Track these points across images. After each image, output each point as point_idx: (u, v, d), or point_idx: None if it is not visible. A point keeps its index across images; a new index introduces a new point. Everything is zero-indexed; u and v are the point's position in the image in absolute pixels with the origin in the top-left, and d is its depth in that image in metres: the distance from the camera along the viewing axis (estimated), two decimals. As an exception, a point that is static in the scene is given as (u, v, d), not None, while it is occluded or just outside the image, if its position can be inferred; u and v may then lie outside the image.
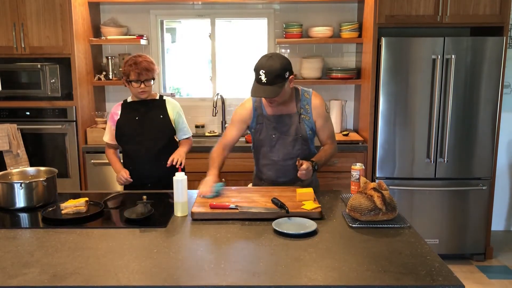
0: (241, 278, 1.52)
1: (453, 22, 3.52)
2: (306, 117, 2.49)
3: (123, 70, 2.69)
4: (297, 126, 2.49)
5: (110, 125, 2.80)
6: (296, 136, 2.50)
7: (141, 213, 2.05)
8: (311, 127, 2.52)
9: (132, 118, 2.74)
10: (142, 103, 2.76)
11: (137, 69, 2.62)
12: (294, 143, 2.51)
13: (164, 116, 2.77)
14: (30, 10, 3.59)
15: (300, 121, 2.49)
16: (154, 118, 2.75)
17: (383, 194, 1.98)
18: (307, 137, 2.52)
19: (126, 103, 2.80)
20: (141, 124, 2.74)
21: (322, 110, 2.52)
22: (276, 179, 2.59)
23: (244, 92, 4.47)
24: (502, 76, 3.51)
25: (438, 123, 3.55)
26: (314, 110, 2.49)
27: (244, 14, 4.21)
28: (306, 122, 2.50)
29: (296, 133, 2.50)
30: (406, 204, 3.65)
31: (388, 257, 1.66)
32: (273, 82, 2.28)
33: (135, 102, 2.78)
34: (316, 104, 2.50)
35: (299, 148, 2.52)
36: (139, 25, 4.20)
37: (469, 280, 3.42)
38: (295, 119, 2.49)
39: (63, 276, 1.53)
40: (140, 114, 2.75)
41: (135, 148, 2.74)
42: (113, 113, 2.80)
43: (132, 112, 2.76)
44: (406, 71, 3.52)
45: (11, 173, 2.43)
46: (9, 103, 3.75)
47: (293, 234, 1.85)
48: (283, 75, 2.30)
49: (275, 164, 2.56)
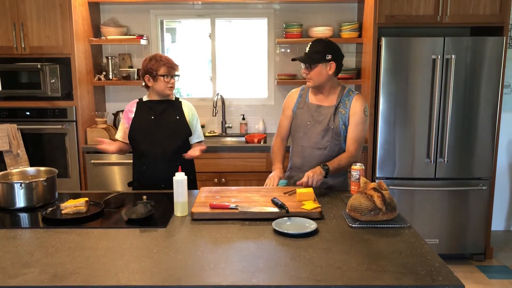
0: (241, 278, 1.52)
1: (453, 22, 3.52)
2: (342, 111, 2.54)
3: (147, 68, 2.65)
4: (331, 117, 2.53)
5: (124, 122, 2.76)
6: (327, 126, 2.53)
7: (141, 213, 2.05)
8: (344, 122, 2.54)
9: (148, 117, 2.71)
10: (158, 103, 2.73)
11: (168, 63, 2.63)
12: (325, 134, 2.54)
13: (180, 117, 2.74)
14: (30, 10, 3.59)
15: (336, 113, 2.53)
16: (170, 119, 2.72)
17: (383, 194, 1.98)
18: (339, 131, 2.53)
19: (141, 101, 2.76)
20: (157, 124, 2.70)
21: (360, 110, 2.52)
22: (301, 167, 2.61)
23: (244, 92, 4.47)
24: (502, 76, 3.51)
25: (438, 123, 3.56)
26: (353, 107, 2.52)
27: (244, 14, 4.21)
28: (341, 116, 2.53)
29: (328, 123, 2.53)
30: (406, 204, 3.65)
31: (388, 257, 1.66)
32: (312, 55, 2.46)
33: (151, 102, 2.75)
34: (356, 103, 2.53)
35: (329, 140, 2.54)
36: (139, 25, 4.20)
37: (469, 280, 3.42)
38: (331, 111, 2.54)
39: (63, 276, 1.53)
40: (156, 114, 2.71)
41: (149, 148, 2.69)
42: (128, 110, 2.76)
43: (148, 111, 2.72)
44: (406, 71, 3.52)
45: (11, 173, 2.43)
46: (9, 103, 3.75)
47: (293, 234, 1.85)
48: (324, 55, 2.45)
49: (303, 151, 2.61)
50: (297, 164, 2.65)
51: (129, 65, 4.19)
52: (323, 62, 2.46)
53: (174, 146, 2.70)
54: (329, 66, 2.47)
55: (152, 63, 2.64)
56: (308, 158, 2.59)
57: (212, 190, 2.40)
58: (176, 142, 2.71)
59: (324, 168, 2.40)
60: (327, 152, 2.55)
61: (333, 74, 2.50)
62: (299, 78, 4.18)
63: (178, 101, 2.79)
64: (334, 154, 2.54)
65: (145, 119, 2.71)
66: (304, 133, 2.60)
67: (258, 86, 4.44)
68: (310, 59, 2.47)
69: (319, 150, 2.56)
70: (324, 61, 2.45)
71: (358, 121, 2.52)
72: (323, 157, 2.55)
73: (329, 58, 2.45)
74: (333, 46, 2.50)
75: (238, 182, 3.67)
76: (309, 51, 2.48)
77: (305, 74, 2.53)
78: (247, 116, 4.30)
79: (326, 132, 2.54)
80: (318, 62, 2.46)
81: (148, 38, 4.19)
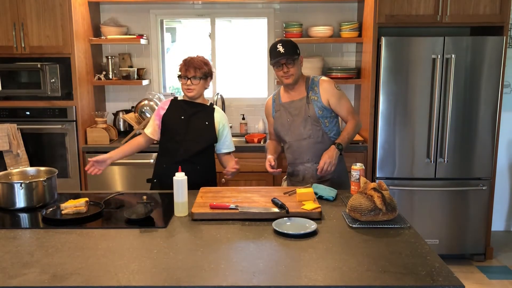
0: (241, 278, 1.52)
1: (453, 22, 3.52)
2: (314, 98, 2.66)
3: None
4: (305, 107, 2.65)
5: (155, 119, 2.76)
6: (305, 116, 2.65)
7: (141, 213, 2.05)
8: (320, 107, 2.65)
9: (178, 116, 2.70)
10: (191, 104, 2.72)
11: (186, 65, 2.63)
12: (305, 124, 2.66)
13: (210, 123, 2.71)
14: (30, 10, 3.59)
15: (309, 102, 2.65)
16: (198, 123, 2.70)
17: (383, 194, 1.98)
18: (316, 117, 2.64)
19: (175, 99, 2.77)
20: (185, 125, 2.68)
21: (331, 88, 2.67)
22: (294, 161, 2.76)
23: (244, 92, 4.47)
24: (502, 76, 3.51)
25: (438, 123, 3.55)
26: (323, 90, 2.66)
27: (244, 14, 4.21)
28: (315, 103, 2.65)
29: (305, 113, 2.65)
30: (406, 204, 3.65)
31: (388, 257, 1.66)
32: (290, 51, 2.59)
33: (184, 102, 2.74)
34: (324, 84, 2.68)
35: (310, 128, 2.66)
36: (139, 24, 4.20)
37: (469, 280, 3.42)
38: (304, 101, 2.66)
39: (63, 276, 1.53)
40: (186, 114, 2.70)
41: (174, 146, 2.68)
42: (160, 108, 2.76)
43: (179, 110, 2.71)
44: (406, 70, 3.51)
45: (11, 173, 2.43)
46: (9, 103, 3.75)
47: (293, 234, 1.85)
48: (295, 50, 2.62)
49: (291, 146, 2.74)
50: (290, 159, 2.78)
51: (129, 64, 4.19)
52: (297, 57, 2.63)
53: (197, 149, 2.68)
54: (300, 59, 2.66)
55: (180, 64, 2.68)
56: (297, 151, 2.72)
57: (212, 190, 2.40)
58: (200, 145, 2.68)
59: (338, 147, 2.56)
60: (312, 140, 2.67)
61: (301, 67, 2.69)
62: (299, 78, 4.18)
63: (211, 107, 2.77)
64: (319, 140, 2.66)
65: (175, 117, 2.71)
66: (287, 130, 2.72)
67: (258, 86, 4.44)
68: (292, 55, 2.59)
69: (304, 141, 2.68)
70: (297, 55, 2.63)
71: (338, 98, 2.67)
72: (310, 145, 2.68)
73: (299, 52, 2.64)
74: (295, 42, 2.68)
75: (238, 182, 3.67)
76: (285, 50, 2.58)
77: (283, 73, 2.63)
78: (247, 116, 4.30)
79: (306, 122, 2.66)
80: (297, 59, 2.62)
81: (148, 38, 4.19)
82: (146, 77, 4.25)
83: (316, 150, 2.66)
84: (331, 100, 2.65)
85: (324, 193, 2.35)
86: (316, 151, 2.65)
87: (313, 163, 2.67)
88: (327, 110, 2.66)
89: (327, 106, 2.65)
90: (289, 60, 2.58)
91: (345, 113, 2.69)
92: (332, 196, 2.34)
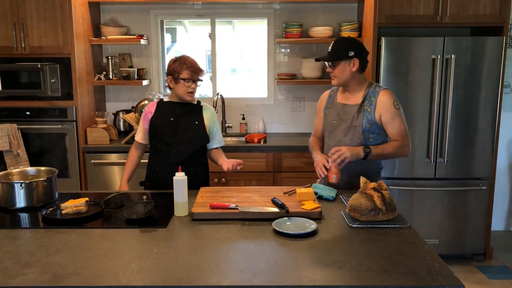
0: (241, 278, 1.52)
1: (453, 22, 3.52)
2: (368, 109, 2.48)
3: (171, 68, 2.61)
4: (355, 115, 2.50)
5: (143, 123, 2.74)
6: (350, 125, 2.51)
7: (141, 213, 2.05)
8: (369, 119, 2.47)
9: (167, 118, 2.67)
10: (179, 105, 2.69)
11: (192, 67, 2.58)
12: (347, 131, 2.52)
13: (199, 122, 2.70)
14: (30, 10, 3.59)
15: (360, 111, 2.49)
16: (188, 123, 2.68)
17: (383, 194, 1.99)
18: (361, 129, 2.47)
19: (162, 102, 2.74)
20: (175, 127, 2.66)
21: (389, 104, 2.46)
22: None
23: (244, 91, 4.47)
24: (502, 76, 3.51)
25: (438, 123, 3.56)
26: (379, 103, 2.46)
27: (244, 14, 4.21)
28: (366, 113, 2.48)
29: (351, 122, 2.50)
30: (406, 204, 3.65)
31: (388, 257, 1.66)
32: (334, 53, 2.48)
33: (172, 103, 2.70)
34: (382, 99, 2.47)
35: (351, 138, 2.50)
36: (139, 25, 4.20)
37: (469, 280, 3.42)
38: (356, 109, 2.51)
39: (63, 276, 1.53)
40: (175, 116, 2.67)
41: (165, 149, 2.66)
42: (147, 111, 2.73)
43: (167, 112, 2.68)
44: (406, 71, 3.52)
45: (11, 173, 2.42)
46: (9, 103, 3.75)
47: (293, 234, 1.85)
48: (346, 52, 2.46)
49: (328, 150, 2.55)
50: None
51: (129, 65, 4.19)
52: (346, 59, 2.46)
53: (189, 151, 2.67)
54: (352, 63, 2.46)
55: (176, 65, 2.60)
56: None
57: (212, 190, 2.40)
58: (192, 147, 2.68)
59: (365, 150, 2.36)
60: None
61: (357, 71, 2.49)
62: (299, 78, 4.18)
63: (199, 106, 2.75)
64: None
65: (164, 119, 2.68)
66: (330, 132, 2.61)
67: (258, 86, 4.44)
68: (332, 56, 2.49)
69: None
70: (346, 58, 2.46)
71: (392, 116, 2.46)
72: None
73: (351, 55, 2.45)
74: (356, 43, 2.52)
75: (238, 182, 3.67)
76: (331, 49, 2.50)
77: (329, 72, 2.55)
78: (247, 116, 4.30)
79: (349, 130, 2.51)
80: (340, 59, 2.46)
81: (148, 38, 4.19)
82: (146, 77, 4.25)
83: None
84: (384, 116, 2.45)
85: (324, 193, 2.35)
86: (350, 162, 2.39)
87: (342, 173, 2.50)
88: (376, 125, 2.47)
89: (377, 121, 2.47)
90: (330, 61, 2.49)
91: (396, 134, 2.46)
92: (332, 196, 2.34)
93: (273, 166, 3.72)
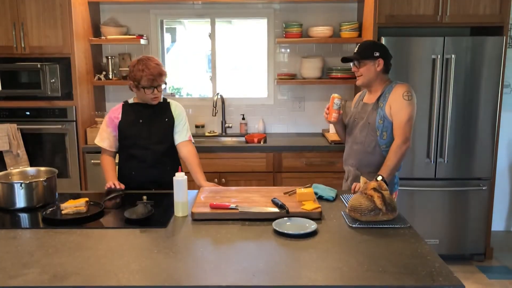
0: (241, 278, 1.52)
1: (453, 22, 3.52)
2: (381, 105, 2.55)
3: (131, 74, 2.53)
4: (369, 113, 2.59)
5: (110, 130, 2.63)
6: (365, 122, 2.59)
7: (141, 213, 2.05)
8: (382, 115, 2.53)
9: (136, 121, 2.61)
10: (146, 105, 2.63)
11: (151, 74, 2.47)
12: (362, 129, 2.60)
13: (169, 119, 2.66)
14: (30, 10, 3.59)
15: (375, 109, 2.57)
16: (159, 122, 2.64)
17: (383, 194, 1.98)
18: (375, 126, 2.54)
19: (127, 104, 2.66)
20: (147, 128, 2.61)
21: (398, 95, 2.50)
22: (345, 161, 2.74)
23: (244, 91, 4.47)
24: (502, 76, 3.51)
25: (438, 123, 3.55)
26: (391, 96, 2.52)
27: (244, 14, 4.21)
28: (379, 110, 2.55)
29: (366, 119, 2.59)
30: (406, 204, 3.65)
31: (388, 258, 1.66)
32: (361, 52, 2.57)
33: (138, 104, 2.65)
34: (395, 91, 2.52)
35: (365, 135, 2.58)
36: (139, 25, 4.20)
37: (469, 280, 3.42)
38: (372, 106, 2.59)
39: (63, 276, 1.53)
40: (144, 117, 2.62)
41: (140, 152, 2.61)
42: (113, 117, 2.63)
43: (135, 114, 2.62)
44: (406, 71, 3.51)
45: (11, 173, 2.43)
46: (9, 103, 3.75)
47: (293, 234, 1.85)
48: (372, 52, 2.54)
49: (347, 146, 2.73)
50: (345, 156, 2.76)
51: (129, 65, 4.18)
52: (371, 59, 2.54)
53: (163, 149, 2.64)
54: (377, 63, 2.54)
55: (135, 72, 2.50)
56: (349, 153, 2.69)
57: (212, 190, 2.40)
58: (165, 144, 2.65)
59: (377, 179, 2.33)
60: (363, 147, 2.59)
61: (381, 71, 2.57)
62: (299, 78, 4.18)
63: (166, 103, 2.70)
64: (370, 150, 2.56)
65: (133, 123, 2.61)
66: (350, 129, 2.71)
67: (258, 86, 4.44)
68: (359, 55, 2.57)
69: (356, 145, 2.63)
70: (372, 58, 2.54)
71: (399, 107, 2.48)
72: (359, 152, 2.60)
73: (377, 55, 2.54)
74: (381, 45, 2.63)
75: (238, 182, 3.67)
76: (358, 49, 2.59)
77: (355, 72, 2.62)
78: (247, 116, 4.30)
79: (364, 127, 2.60)
80: (366, 58, 2.55)
81: (148, 38, 4.19)
82: (146, 77, 4.24)
83: (362, 158, 2.59)
84: (392, 107, 2.49)
85: (324, 193, 2.35)
86: (362, 159, 2.59)
87: (355, 169, 2.62)
88: (388, 121, 2.51)
89: (387, 115, 2.50)
90: (356, 60, 2.57)
91: (396, 127, 2.49)
92: (332, 196, 2.34)
93: (273, 166, 3.72)
